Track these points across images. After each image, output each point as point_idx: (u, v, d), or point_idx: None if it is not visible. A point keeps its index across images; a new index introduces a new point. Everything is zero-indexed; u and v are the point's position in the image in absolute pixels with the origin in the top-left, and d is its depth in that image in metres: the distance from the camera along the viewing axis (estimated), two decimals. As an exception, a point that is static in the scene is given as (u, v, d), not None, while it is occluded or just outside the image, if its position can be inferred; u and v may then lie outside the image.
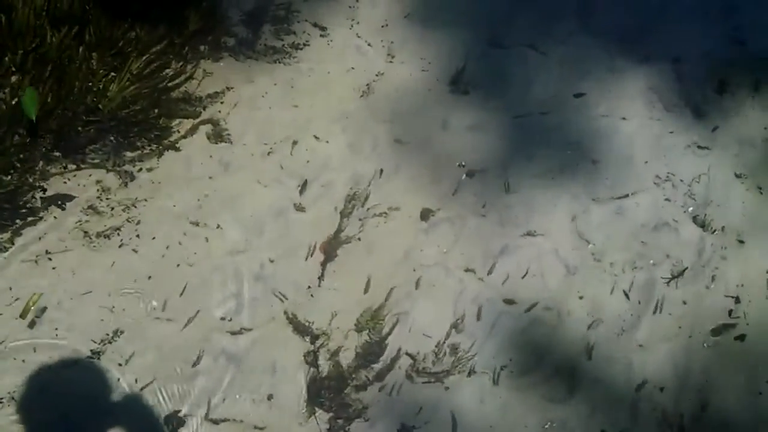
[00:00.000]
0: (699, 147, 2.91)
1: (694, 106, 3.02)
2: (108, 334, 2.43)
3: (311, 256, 2.64)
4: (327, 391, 2.45)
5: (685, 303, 2.65)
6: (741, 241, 2.75)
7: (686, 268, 2.68)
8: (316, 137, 2.85)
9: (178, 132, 2.77)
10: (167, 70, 2.84)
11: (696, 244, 2.74)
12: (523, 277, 2.66)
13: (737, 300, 2.65)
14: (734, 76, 3.08)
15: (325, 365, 2.49)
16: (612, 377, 2.53)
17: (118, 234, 2.57)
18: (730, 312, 2.63)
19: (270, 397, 2.42)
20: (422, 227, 2.73)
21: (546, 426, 2.45)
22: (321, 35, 3.05)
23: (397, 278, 2.63)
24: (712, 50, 3.14)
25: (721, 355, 2.58)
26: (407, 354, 2.52)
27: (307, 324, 2.54)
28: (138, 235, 2.58)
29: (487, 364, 2.53)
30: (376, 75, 2.99)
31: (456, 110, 2.95)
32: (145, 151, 2.72)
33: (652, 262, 2.70)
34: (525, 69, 3.05)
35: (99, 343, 2.42)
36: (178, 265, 2.57)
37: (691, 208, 2.80)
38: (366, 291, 2.60)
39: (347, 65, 3.00)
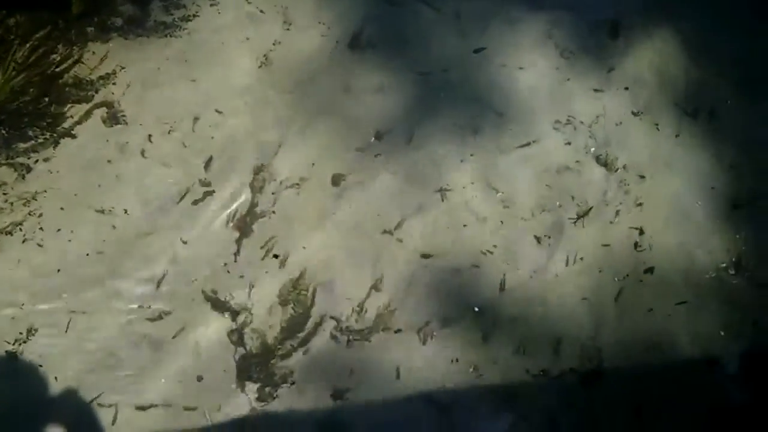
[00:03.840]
0: (595, 90, 3.12)
1: (589, 51, 3.22)
2: (22, 334, 2.47)
3: (227, 228, 2.74)
4: (255, 366, 2.57)
5: (592, 240, 2.87)
6: (642, 176, 2.98)
7: (591, 207, 2.90)
8: (218, 111, 2.91)
9: (72, 118, 2.79)
10: (54, 56, 2.84)
11: (599, 183, 2.95)
12: (437, 232, 2.82)
13: (641, 232, 2.89)
14: (626, 19, 3.30)
15: (250, 341, 2.60)
16: (530, 317, 2.73)
17: (20, 229, 2.59)
18: (636, 244, 2.88)
19: (200, 379, 2.52)
20: (335, 193, 2.85)
21: (471, 370, 2.64)
22: (211, 5, 3.08)
23: (315, 246, 2.76)
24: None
25: (632, 286, 2.82)
26: (331, 317, 2.65)
27: (226, 301, 2.64)
28: (42, 228, 2.61)
29: (410, 319, 2.68)
30: (273, 43, 3.06)
31: (358, 73, 3.06)
32: (39, 141, 2.73)
33: (558, 204, 2.91)
34: (423, 26, 3.18)
35: (14, 344, 2.46)
36: (87, 255, 2.61)
37: (593, 149, 3.01)
38: (283, 265, 2.71)
39: (242, 35, 3.05)
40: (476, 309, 2.71)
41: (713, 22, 3.36)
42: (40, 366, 2.45)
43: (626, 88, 3.14)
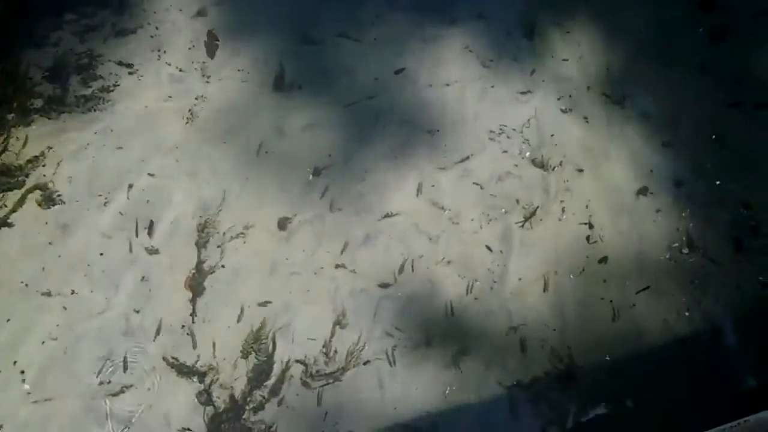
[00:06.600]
0: (521, 93, 3.27)
1: (509, 56, 3.37)
2: (-17, 432, 2.50)
3: (179, 290, 2.79)
4: (226, 423, 2.61)
5: (543, 242, 2.98)
6: (580, 170, 3.11)
7: (537, 208, 3.02)
8: (150, 175, 2.99)
9: (6, 206, 2.84)
10: (-23, 148, 2.90)
11: (540, 184, 3.08)
12: (390, 259, 2.91)
13: (590, 226, 3.01)
14: (540, 20, 3.46)
15: (219, 399, 2.64)
16: (495, 329, 2.81)
17: (-31, 326, 2.63)
18: (588, 238, 2.99)
19: (171, 447, 2.56)
20: (283, 236, 2.93)
21: (446, 392, 2.71)
22: (129, 72, 3.19)
23: (271, 293, 2.82)
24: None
25: (590, 280, 2.93)
26: (297, 361, 2.71)
27: (192, 365, 2.68)
28: (-10, 322, 2.65)
29: (379, 349, 2.76)
30: (196, 98, 3.16)
31: (286, 113, 3.17)
32: (-24, 237, 2.78)
33: (504, 210, 3.03)
34: (343, 58, 3.31)
35: (-24, 444, 2.48)
36: (43, 343, 2.64)
37: (527, 153, 3.15)
38: (241, 316, 2.77)
39: (164, 95, 3.15)
40: (442, 329, 2.79)
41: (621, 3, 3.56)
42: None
43: (551, 87, 3.28)
